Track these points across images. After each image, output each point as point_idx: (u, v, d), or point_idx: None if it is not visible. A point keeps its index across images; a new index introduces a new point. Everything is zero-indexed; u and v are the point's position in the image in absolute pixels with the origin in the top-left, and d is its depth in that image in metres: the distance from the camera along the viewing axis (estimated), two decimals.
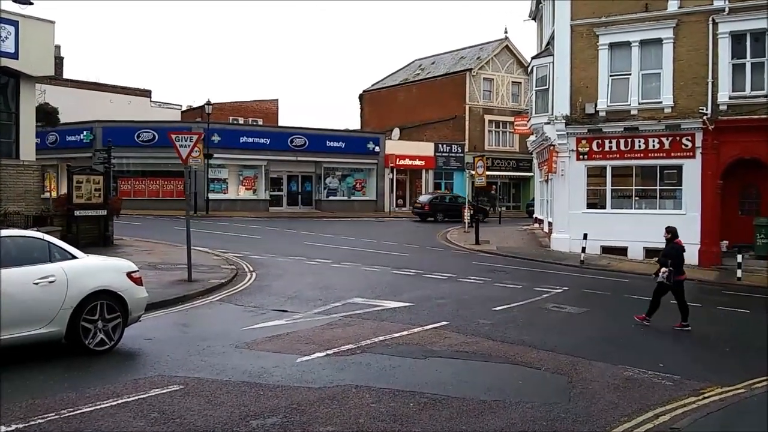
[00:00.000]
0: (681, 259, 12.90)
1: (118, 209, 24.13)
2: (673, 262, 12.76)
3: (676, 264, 12.78)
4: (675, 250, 12.95)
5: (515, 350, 10.09)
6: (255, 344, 9.69)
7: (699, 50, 23.34)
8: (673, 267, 12.71)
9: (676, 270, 12.73)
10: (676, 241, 13.05)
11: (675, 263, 12.77)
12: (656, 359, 10.05)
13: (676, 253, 12.90)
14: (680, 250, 12.98)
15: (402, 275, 18.37)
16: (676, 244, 13.01)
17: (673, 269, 12.70)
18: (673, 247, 12.99)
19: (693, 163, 23.49)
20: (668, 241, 13.17)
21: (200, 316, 12.14)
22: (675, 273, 12.71)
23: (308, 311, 12.57)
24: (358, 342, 9.94)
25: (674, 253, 12.90)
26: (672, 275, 12.66)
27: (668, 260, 12.84)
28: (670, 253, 12.94)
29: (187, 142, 15.68)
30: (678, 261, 12.83)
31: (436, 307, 13.53)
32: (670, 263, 12.75)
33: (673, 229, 13.27)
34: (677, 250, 12.94)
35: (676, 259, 12.82)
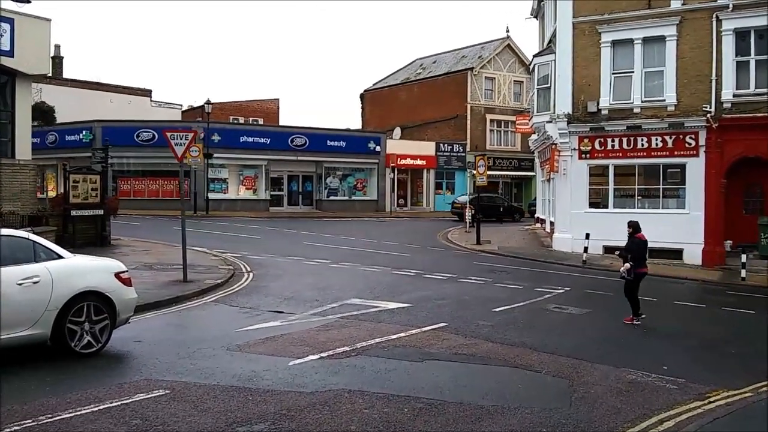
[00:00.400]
0: (642, 253, 13.05)
1: (116, 209, 23.90)
2: (633, 256, 12.89)
3: (637, 258, 12.90)
4: (635, 244, 13.06)
5: (515, 352, 9.82)
6: (247, 347, 9.42)
7: (702, 47, 23.04)
8: (633, 261, 12.83)
9: (636, 264, 12.84)
10: (638, 235, 13.14)
11: (636, 257, 12.89)
12: (660, 361, 9.78)
13: (636, 247, 13.01)
14: (641, 244, 13.10)
15: (401, 275, 18.11)
16: (637, 239, 13.11)
17: (634, 263, 12.81)
18: (634, 242, 13.09)
19: (696, 162, 23.19)
20: (630, 235, 13.24)
21: (193, 318, 11.89)
22: (636, 267, 12.81)
23: (304, 312, 12.31)
24: (353, 344, 9.66)
25: (635, 247, 13.02)
26: (632, 270, 12.78)
27: (629, 255, 12.98)
28: (631, 247, 13.06)
29: (182, 141, 15.45)
30: (639, 255, 12.96)
31: (436, 308, 13.27)
32: (631, 257, 12.89)
33: (635, 224, 13.35)
34: (638, 245, 13.04)
35: (636, 253, 12.94)
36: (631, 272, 12.80)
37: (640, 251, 13.00)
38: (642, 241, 13.14)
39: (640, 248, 13.03)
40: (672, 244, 23.38)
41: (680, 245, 23.33)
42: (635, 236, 13.12)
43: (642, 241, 13.14)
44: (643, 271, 13.03)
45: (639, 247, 13.02)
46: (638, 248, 13.00)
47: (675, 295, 17.32)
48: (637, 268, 12.84)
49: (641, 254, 13.01)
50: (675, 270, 21.98)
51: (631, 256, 12.94)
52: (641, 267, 12.97)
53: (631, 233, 13.22)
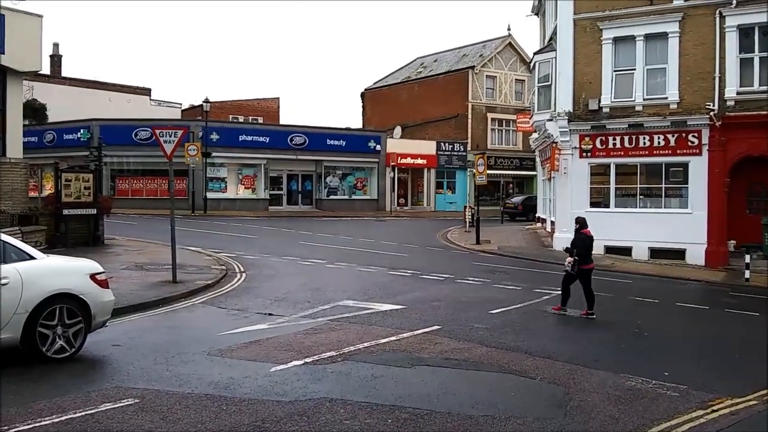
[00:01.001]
0: (587, 248, 13.23)
1: (109, 208, 23.55)
2: (578, 252, 13.09)
3: (582, 254, 13.09)
4: (581, 240, 13.27)
5: (510, 357, 9.41)
6: (229, 351, 9.01)
7: (705, 44, 22.68)
8: (578, 257, 13.03)
9: (581, 259, 13.04)
10: (584, 231, 13.38)
11: (580, 253, 13.08)
12: (660, 366, 9.38)
13: (582, 243, 13.21)
14: (587, 240, 13.27)
15: (398, 276, 17.73)
16: (582, 234, 13.34)
17: (578, 258, 13.01)
18: (579, 237, 13.33)
19: (699, 161, 22.83)
20: (576, 231, 13.54)
21: (178, 320, 11.49)
22: (580, 262, 13.02)
23: (294, 315, 11.92)
24: (340, 349, 9.25)
25: (580, 243, 13.22)
26: (576, 264, 13.00)
27: (574, 250, 13.17)
28: (577, 243, 13.26)
29: (172, 138, 15.06)
30: (584, 251, 13.15)
31: (430, 310, 12.88)
32: (576, 253, 13.08)
33: (581, 220, 13.71)
34: (583, 240, 13.23)
35: (582, 249, 13.14)
36: (575, 267, 13.01)
37: (586, 247, 13.19)
38: (588, 237, 13.32)
39: (586, 244, 13.21)
40: (674, 244, 23.08)
41: (683, 245, 22.99)
42: (581, 232, 13.38)
43: (588, 237, 13.31)
44: (589, 267, 13.23)
45: (584, 243, 13.21)
46: (583, 244, 13.19)
47: (677, 296, 16.93)
48: (581, 264, 13.06)
49: (587, 250, 13.20)
50: (677, 270, 21.62)
51: (576, 251, 13.11)
52: (586, 263, 13.16)
53: (577, 229, 13.52)
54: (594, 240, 13.54)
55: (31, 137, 43.75)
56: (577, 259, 13.04)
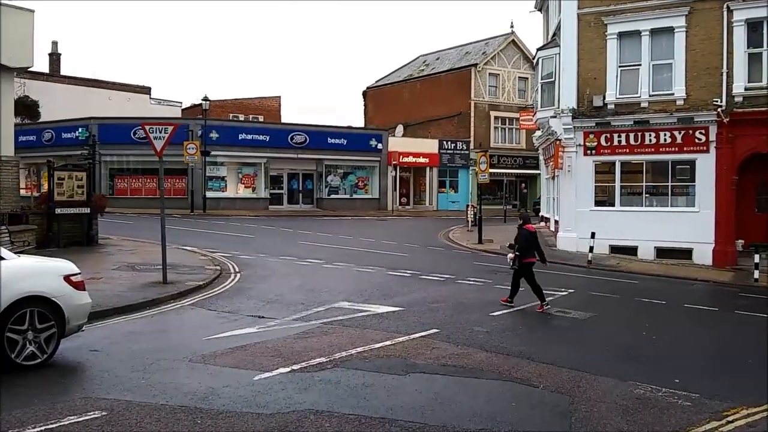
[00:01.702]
0: (529, 243, 13.57)
1: (103, 207, 23.09)
2: (519, 247, 13.50)
3: (523, 248, 13.47)
4: (523, 235, 13.64)
5: (511, 363, 8.88)
6: (212, 357, 8.49)
7: (713, 39, 22.15)
8: (519, 252, 13.43)
9: (522, 254, 13.41)
10: (527, 226, 13.82)
11: (522, 248, 13.47)
12: (671, 373, 8.86)
13: (523, 238, 13.58)
14: (528, 235, 13.65)
15: (397, 276, 17.23)
16: (525, 230, 13.74)
17: (520, 253, 13.40)
18: (521, 233, 13.71)
19: (707, 158, 22.29)
20: (519, 227, 13.98)
21: (163, 323, 10.99)
22: (522, 257, 13.39)
23: (286, 317, 11.41)
24: (331, 354, 8.73)
25: (522, 238, 13.59)
26: (518, 259, 13.39)
27: (516, 245, 13.59)
28: (518, 238, 13.65)
29: (162, 134, 14.62)
30: (525, 245, 13.51)
31: (429, 312, 12.36)
32: (517, 248, 13.49)
33: (525, 216, 14.31)
34: (525, 236, 13.61)
35: (523, 243, 13.51)
36: (516, 261, 13.40)
37: (527, 242, 13.54)
38: (530, 232, 13.72)
39: (527, 239, 13.57)
40: (681, 243, 22.57)
41: (690, 245, 22.48)
42: (524, 227, 13.80)
43: (530, 233, 13.70)
44: (530, 260, 13.54)
45: (526, 238, 13.58)
46: (525, 239, 13.55)
47: (685, 297, 16.41)
48: (523, 258, 13.42)
49: (528, 245, 13.55)
50: (684, 270, 21.10)
51: (517, 246, 13.51)
52: (528, 257, 13.50)
53: (520, 224, 13.99)
54: (537, 235, 13.95)
55: (29, 136, 43.52)
56: (518, 254, 13.41)
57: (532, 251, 13.65)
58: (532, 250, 13.66)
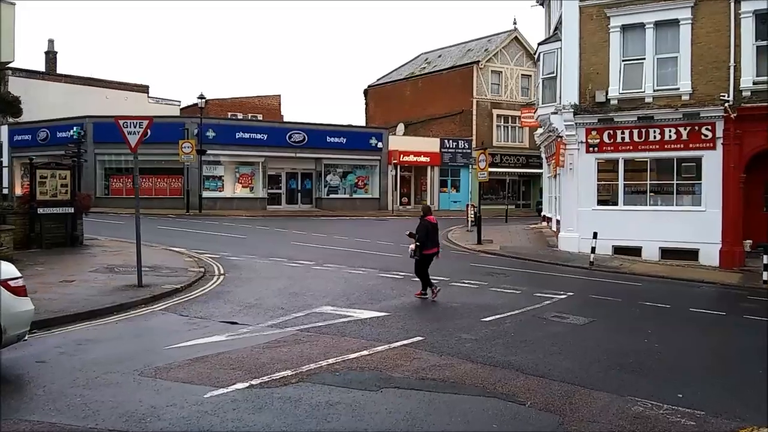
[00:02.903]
0: (428, 234, 13.96)
1: (88, 206, 22.38)
2: (419, 237, 13.88)
3: (422, 239, 13.85)
4: (422, 226, 14.03)
5: (497, 376, 8.09)
6: (166, 370, 7.70)
7: (719, 32, 21.37)
8: (419, 242, 13.82)
9: (422, 245, 13.82)
10: (427, 218, 14.19)
11: (421, 238, 13.86)
12: (674, 386, 8.07)
13: (423, 229, 13.96)
14: (428, 226, 14.02)
15: (387, 279, 16.44)
16: (426, 221, 14.11)
17: (420, 244, 13.79)
18: (421, 224, 14.10)
19: (713, 155, 21.48)
20: (421, 218, 14.31)
21: (125, 331, 10.18)
22: (422, 248, 13.79)
23: (260, 324, 10.64)
24: (299, 367, 7.93)
25: (422, 229, 13.98)
26: (418, 249, 13.78)
27: (417, 235, 13.94)
28: (419, 229, 14.02)
29: (136, 129, 13.84)
30: (424, 236, 13.90)
31: (416, 318, 11.58)
32: (417, 239, 13.86)
33: (426, 207, 14.76)
34: (424, 227, 13.99)
35: (423, 235, 13.90)
36: (416, 252, 13.78)
37: (427, 233, 13.92)
38: (430, 223, 14.07)
39: (427, 230, 13.94)
40: (687, 244, 21.79)
41: (696, 245, 21.69)
42: (425, 219, 14.16)
43: (430, 224, 14.06)
44: (431, 251, 13.97)
45: (426, 229, 13.96)
46: (425, 230, 13.93)
47: (691, 300, 15.62)
48: (423, 249, 13.81)
49: (427, 236, 13.91)
50: (690, 272, 20.30)
51: (418, 237, 13.86)
52: (428, 248, 13.91)
53: (422, 216, 14.35)
54: (438, 227, 14.35)
55: (24, 135, 43.02)
56: (419, 244, 13.78)
57: (434, 242, 14.10)
58: (434, 241, 14.12)
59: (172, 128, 39.19)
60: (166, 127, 39.80)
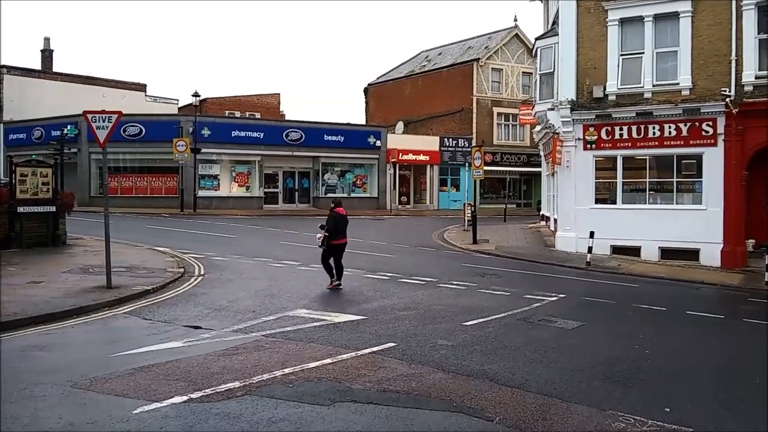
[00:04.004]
0: (337, 225, 14.44)
1: (70, 205, 21.77)
2: (328, 228, 14.37)
3: (332, 230, 14.35)
4: (332, 218, 14.52)
5: (468, 387, 7.43)
6: (102, 381, 7.03)
7: (721, 24, 20.73)
8: (328, 233, 14.31)
9: (331, 236, 14.30)
10: (337, 209, 14.63)
11: (330, 229, 14.35)
12: (662, 398, 7.43)
13: (332, 221, 14.44)
14: (337, 217, 14.48)
15: (373, 280, 15.81)
16: (335, 213, 14.56)
17: (329, 235, 14.28)
18: (331, 216, 14.57)
19: (714, 152, 20.82)
20: (331, 210, 14.73)
21: (77, 336, 9.52)
22: (331, 238, 14.27)
23: (225, 328, 10.02)
24: (250, 377, 7.28)
25: (331, 221, 14.46)
26: (326, 240, 14.26)
27: (326, 226, 14.43)
28: (328, 220, 14.53)
29: (105, 123, 13.23)
30: (333, 227, 14.39)
31: (393, 322, 10.93)
32: (326, 229, 14.35)
33: (337, 200, 15.26)
34: (333, 218, 14.46)
35: (332, 225, 14.39)
36: (323, 242, 14.26)
37: (336, 224, 14.40)
38: (339, 215, 14.52)
39: (336, 221, 14.42)
40: (687, 243, 21.15)
41: (696, 245, 21.04)
42: (335, 210, 14.61)
43: (339, 216, 14.51)
44: (339, 242, 14.47)
45: (335, 220, 14.43)
46: (333, 221, 14.41)
47: (688, 302, 14.97)
48: (331, 239, 14.28)
49: (336, 227, 14.40)
50: (690, 272, 19.65)
51: (327, 228, 14.35)
52: (336, 239, 14.39)
53: (332, 208, 14.78)
54: (346, 219, 14.73)
55: (19, 134, 42.65)
56: (327, 235, 14.25)
57: (343, 233, 14.55)
58: (344, 232, 14.58)
59: (167, 126, 38.72)
60: (161, 125, 39.34)
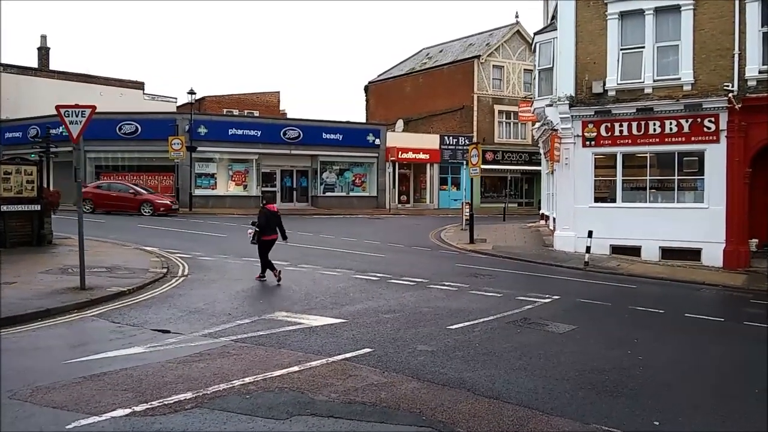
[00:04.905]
0: (267, 222, 14.83)
1: (56, 204, 21.27)
2: (259, 224, 14.81)
3: (263, 226, 14.77)
4: (262, 213, 15.03)
5: (442, 398, 6.89)
6: (45, 392, 6.48)
7: (723, 17, 20.14)
8: (259, 228, 14.75)
9: (262, 231, 14.74)
10: (268, 206, 15.16)
11: (261, 225, 14.78)
12: (651, 411, 6.88)
13: (263, 217, 14.90)
14: (267, 213, 14.93)
15: (361, 281, 15.28)
16: (266, 209, 15.06)
17: (260, 230, 14.72)
18: (261, 211, 15.15)
19: (717, 149, 20.23)
20: (262, 206, 15.26)
21: (35, 341, 8.98)
22: (262, 233, 14.71)
23: (195, 332, 9.50)
24: (205, 388, 6.74)
25: (262, 217, 14.94)
26: (257, 235, 14.72)
27: (256, 222, 14.92)
28: (259, 216, 15.02)
29: (78, 118, 12.73)
30: (265, 223, 14.80)
31: (374, 326, 10.39)
32: (257, 225, 14.81)
33: (268, 196, 16.05)
34: (264, 214, 14.95)
35: (262, 221, 14.81)
36: (254, 237, 14.74)
37: (266, 220, 14.80)
38: (270, 211, 15.01)
39: (267, 218, 14.84)
40: (689, 243, 20.57)
41: (698, 244, 20.45)
42: (265, 207, 15.13)
43: (270, 212, 15.00)
44: (269, 238, 14.83)
45: (265, 216, 14.87)
46: (264, 218, 14.85)
47: (688, 304, 14.42)
48: (262, 235, 14.70)
49: (266, 223, 14.77)
50: (691, 273, 19.08)
51: (258, 223, 14.82)
52: (267, 234, 14.77)
53: (263, 204, 15.32)
54: (278, 215, 15.18)
55: (15, 132, 42.24)
56: (258, 230, 14.69)
57: (273, 229, 14.85)
58: (274, 228, 14.86)
59: (163, 125, 38.27)
60: (157, 123, 38.90)
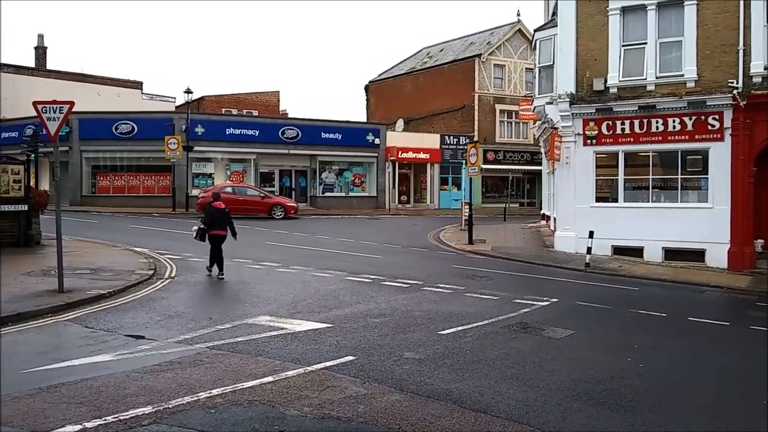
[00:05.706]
0: (213, 218, 15.31)
1: (44, 204, 20.87)
2: (204, 220, 15.44)
3: (208, 222, 15.28)
4: (207, 211, 15.68)
5: (425, 412, 6.38)
6: None
7: (728, 13, 19.66)
8: (205, 224, 15.28)
9: (209, 227, 15.20)
10: (214, 203, 15.55)
11: (206, 221, 15.36)
12: (651, 425, 6.40)
13: (209, 213, 15.47)
14: (213, 210, 15.38)
15: (353, 283, 14.79)
16: (211, 206, 15.51)
17: (206, 226, 15.21)
18: (206, 209, 15.76)
19: (721, 147, 19.72)
20: (209, 203, 15.68)
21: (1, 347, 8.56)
22: (209, 229, 15.17)
23: (171, 338, 9.01)
24: (168, 401, 6.24)
25: (206, 214, 15.61)
26: (203, 232, 15.26)
27: (202, 218, 15.62)
28: (204, 213, 15.72)
29: (56, 114, 12.30)
30: (210, 220, 15.30)
31: (360, 331, 9.89)
32: (203, 221, 15.40)
33: (216, 194, 16.66)
34: (209, 212, 15.54)
35: (207, 218, 15.41)
36: (198, 234, 15.32)
37: (212, 217, 15.29)
38: (215, 209, 15.42)
39: (212, 214, 15.33)
40: (692, 243, 20.07)
41: (702, 245, 19.94)
42: (212, 204, 15.56)
43: (215, 209, 15.41)
44: (215, 233, 15.17)
45: (211, 213, 15.39)
46: (210, 215, 15.39)
47: (692, 307, 13.92)
48: (210, 230, 15.14)
49: (212, 220, 15.24)
50: (695, 275, 18.55)
51: (203, 220, 15.50)
52: (213, 230, 15.16)
53: (210, 202, 15.79)
54: (225, 211, 15.56)
55: (11, 132, 41.76)
56: (203, 227, 15.22)
57: (221, 225, 15.22)
58: (221, 225, 15.22)
59: (160, 124, 37.80)
60: (154, 123, 38.44)
